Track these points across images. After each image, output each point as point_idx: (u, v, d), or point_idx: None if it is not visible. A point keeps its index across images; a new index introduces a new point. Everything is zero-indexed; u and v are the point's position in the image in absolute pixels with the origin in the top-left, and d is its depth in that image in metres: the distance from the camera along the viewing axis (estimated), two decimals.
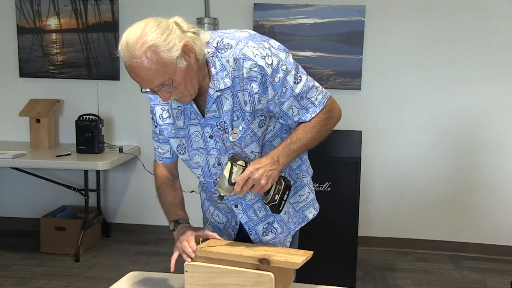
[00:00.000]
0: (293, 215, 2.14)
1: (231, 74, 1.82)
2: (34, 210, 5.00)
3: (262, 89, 1.81)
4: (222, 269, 1.82)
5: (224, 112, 1.87)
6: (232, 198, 2.04)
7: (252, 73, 1.79)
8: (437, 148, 4.60)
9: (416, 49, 4.52)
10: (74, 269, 4.23)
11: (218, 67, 1.82)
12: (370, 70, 4.58)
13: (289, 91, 1.84)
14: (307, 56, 4.56)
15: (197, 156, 1.98)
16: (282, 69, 1.82)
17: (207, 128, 1.91)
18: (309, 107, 1.89)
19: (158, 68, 1.69)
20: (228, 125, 1.88)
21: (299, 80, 1.87)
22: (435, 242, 4.68)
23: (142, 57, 1.67)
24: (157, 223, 4.87)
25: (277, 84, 1.82)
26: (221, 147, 1.93)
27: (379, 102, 4.62)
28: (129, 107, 4.84)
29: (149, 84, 1.74)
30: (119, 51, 1.72)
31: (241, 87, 1.82)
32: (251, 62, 1.78)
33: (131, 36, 1.68)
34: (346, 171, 3.66)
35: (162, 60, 1.68)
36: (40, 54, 4.87)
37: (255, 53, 1.79)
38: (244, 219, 2.07)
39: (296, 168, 2.08)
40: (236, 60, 1.80)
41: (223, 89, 1.83)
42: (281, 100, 1.85)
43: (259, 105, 1.84)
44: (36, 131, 4.66)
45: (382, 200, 4.72)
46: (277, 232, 2.09)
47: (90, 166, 4.36)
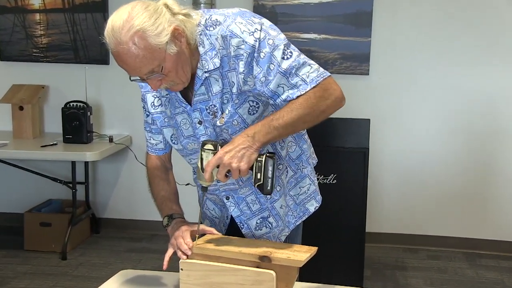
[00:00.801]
0: (294, 208, 2.14)
1: (220, 53, 1.81)
2: (17, 204, 5.01)
3: (247, 68, 1.79)
4: (219, 267, 1.82)
5: (214, 95, 1.86)
6: (223, 189, 2.04)
7: (239, 51, 1.78)
8: (452, 138, 4.60)
9: (429, 31, 4.51)
10: (61, 268, 4.24)
11: (207, 46, 1.81)
12: (379, 54, 4.57)
13: (276, 67, 1.78)
14: (311, 39, 4.55)
15: (190, 143, 1.99)
16: (269, 43, 1.78)
17: (196, 113, 1.90)
18: (299, 85, 1.79)
19: (146, 54, 1.69)
20: (218, 108, 1.87)
21: (289, 56, 1.80)
22: (448, 238, 4.69)
23: (129, 43, 1.67)
24: (150, 218, 4.87)
25: (263, 60, 1.78)
26: (212, 133, 1.92)
27: (388, 88, 4.61)
28: (120, 93, 4.83)
29: (137, 72, 1.74)
30: (104, 37, 1.71)
31: (230, 67, 1.81)
32: (238, 39, 1.77)
33: (116, 20, 1.68)
34: (353, 163, 3.66)
35: (151, 45, 1.68)
36: (23, 36, 4.86)
37: (242, 29, 1.78)
38: (235, 212, 2.07)
39: (296, 158, 2.08)
40: (224, 37, 1.79)
41: (211, 70, 1.83)
42: (268, 78, 1.79)
43: (246, 87, 1.82)
44: (19, 119, 4.66)
45: (391, 194, 4.72)
46: (272, 226, 2.09)
47: (77, 157, 4.36)
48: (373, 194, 4.51)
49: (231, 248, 1.83)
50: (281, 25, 4.46)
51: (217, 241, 1.90)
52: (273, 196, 2.05)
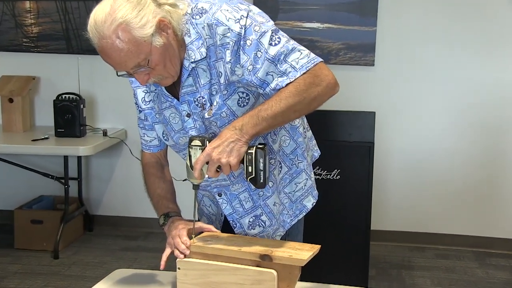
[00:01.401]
0: (289, 206, 2.14)
1: (206, 42, 1.81)
2: (7, 201, 5.02)
3: (234, 57, 1.79)
4: (218, 266, 1.83)
5: (201, 86, 1.87)
6: (215, 185, 2.05)
7: (225, 40, 1.78)
8: (461, 132, 4.60)
9: (438, 19, 4.50)
10: (53, 267, 4.25)
11: (193, 36, 1.82)
12: (385, 44, 4.57)
13: (263, 54, 1.78)
14: (314, 28, 4.55)
15: (182, 138, 1.99)
16: (255, 29, 1.78)
17: (184, 105, 1.91)
18: (288, 72, 1.77)
19: (130, 48, 1.70)
20: (206, 100, 1.87)
21: (277, 42, 1.78)
22: (457, 237, 4.70)
23: (112, 36, 1.68)
24: (146, 215, 4.88)
25: (249, 48, 1.78)
26: (201, 126, 1.93)
27: (395, 80, 4.61)
28: (114, 85, 4.81)
29: (123, 67, 1.75)
30: (87, 31, 1.72)
31: (217, 57, 1.82)
32: (224, 27, 1.77)
33: (99, 14, 1.69)
34: (358, 157, 3.67)
35: (135, 38, 1.69)
36: (12, 25, 4.86)
37: (228, 16, 1.78)
38: (228, 210, 2.08)
39: (291, 153, 2.07)
40: (210, 26, 1.79)
41: (198, 60, 1.83)
42: (256, 67, 1.78)
43: (234, 77, 1.82)
44: (8, 112, 4.66)
45: (397, 190, 4.73)
46: (265, 225, 2.09)
47: (70, 152, 4.37)
48: (378, 190, 4.52)
49: (230, 247, 1.84)
50: (282, 13, 4.47)
51: (216, 239, 1.91)
52: (265, 192, 2.05)
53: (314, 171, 3.56)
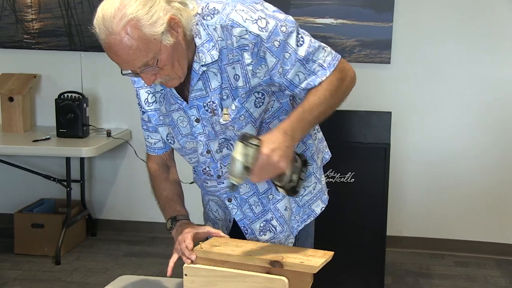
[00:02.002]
0: (296, 211, 2.14)
1: (219, 44, 1.81)
2: (6, 204, 5.04)
3: (256, 59, 1.80)
4: (226, 273, 1.83)
5: (212, 90, 1.87)
6: (224, 191, 2.06)
7: (242, 41, 1.78)
8: (482, 132, 4.58)
9: (456, 15, 4.49)
10: (54, 273, 4.26)
11: (204, 37, 1.82)
12: (402, 40, 4.56)
13: (292, 55, 1.81)
14: (327, 24, 4.55)
15: (189, 142, 2.00)
16: (282, 30, 1.80)
17: (193, 110, 1.91)
18: (317, 71, 1.85)
19: (140, 45, 1.69)
20: (217, 105, 1.87)
21: (302, 42, 1.83)
22: (478, 243, 4.68)
23: (121, 33, 1.67)
24: (151, 219, 4.89)
25: (277, 50, 1.80)
26: (210, 132, 1.94)
27: (412, 78, 4.60)
28: (119, 83, 4.81)
29: (130, 65, 1.75)
30: (94, 26, 1.72)
31: (230, 60, 1.82)
32: (241, 28, 1.77)
33: (107, 8, 1.69)
34: (373, 159, 3.67)
35: (145, 36, 1.69)
36: (12, 20, 4.88)
37: (244, 17, 1.78)
38: (238, 215, 2.09)
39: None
40: (224, 27, 1.79)
41: (209, 63, 1.83)
42: (285, 68, 1.82)
43: (255, 79, 1.83)
44: (8, 111, 4.68)
45: (415, 193, 4.72)
46: (276, 231, 2.09)
47: (72, 153, 4.38)
48: (394, 193, 4.51)
49: (239, 252, 1.84)
50: (294, 9, 4.47)
51: (224, 245, 1.91)
52: (275, 196, 2.06)
53: (327, 173, 3.57)
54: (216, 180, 2.04)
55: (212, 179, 2.05)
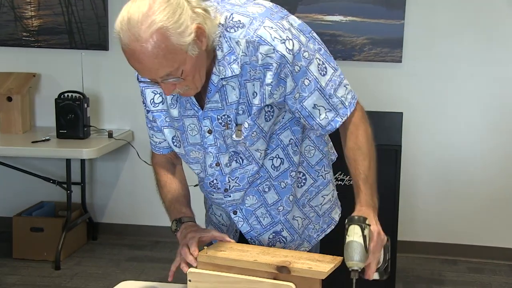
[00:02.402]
0: (316, 220, 2.15)
1: (241, 59, 1.80)
2: (5, 207, 5.05)
3: (276, 80, 1.80)
4: (232, 278, 1.83)
5: (228, 105, 1.86)
6: (230, 203, 2.06)
7: (268, 60, 1.77)
8: (498, 134, 4.57)
9: (470, 12, 4.48)
10: (54, 279, 4.27)
11: (225, 50, 1.80)
12: (414, 38, 4.55)
13: (313, 83, 1.83)
14: (337, 21, 4.55)
15: (194, 152, 1.99)
16: (304, 56, 1.81)
17: (206, 121, 1.91)
18: (339, 108, 1.88)
19: (166, 55, 1.66)
20: (232, 119, 1.87)
21: (325, 72, 1.85)
22: (492, 249, 4.67)
23: (148, 40, 1.63)
24: (154, 223, 4.90)
25: (297, 74, 1.81)
26: (221, 145, 1.93)
27: (424, 77, 4.60)
28: (121, 83, 4.85)
29: (152, 74, 1.71)
30: (116, 29, 1.68)
31: (251, 76, 1.81)
32: (268, 47, 1.76)
33: (134, 12, 1.64)
34: (384, 162, 3.61)
35: (173, 46, 1.65)
36: (11, 17, 4.89)
37: (273, 35, 1.77)
38: (245, 228, 2.09)
39: (316, 164, 2.08)
40: (250, 43, 1.77)
41: (229, 76, 1.82)
42: (302, 95, 1.84)
43: (270, 99, 1.83)
44: (7, 111, 4.69)
45: (427, 197, 4.71)
46: (286, 241, 2.10)
47: (73, 154, 4.39)
48: (406, 197, 4.50)
49: (245, 257, 1.84)
50: (302, 5, 4.47)
51: (229, 249, 1.91)
52: (285, 207, 2.06)
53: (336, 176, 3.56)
54: (222, 193, 2.04)
55: (218, 192, 2.05)
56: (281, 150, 1.98)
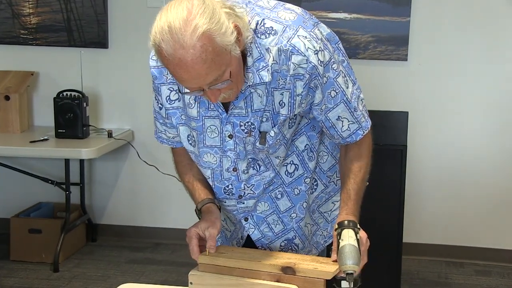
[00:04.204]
0: (324, 226, 2.16)
1: (271, 67, 1.79)
2: (2, 208, 5.05)
3: (306, 90, 1.81)
4: (234, 281, 1.83)
5: (253, 112, 1.86)
6: (243, 210, 2.06)
7: (299, 71, 1.78)
8: (506, 134, 4.56)
9: (478, 9, 4.48)
10: (52, 281, 4.27)
11: (255, 56, 1.79)
12: (420, 36, 4.55)
13: (339, 95, 1.86)
14: (341, 19, 4.55)
15: (209, 155, 1.98)
16: (333, 67, 1.83)
17: (228, 126, 1.90)
18: (362, 121, 1.93)
19: (214, 58, 1.63)
20: (255, 127, 1.87)
21: (347, 84, 1.89)
22: (501, 251, 4.67)
23: (195, 46, 1.60)
24: (155, 225, 4.89)
25: (325, 85, 1.83)
26: (241, 151, 1.93)
27: (430, 76, 4.59)
28: (121, 81, 4.85)
29: (201, 81, 1.67)
30: (154, 41, 1.63)
31: (279, 85, 1.81)
32: (302, 57, 1.77)
33: (174, 19, 1.60)
34: (389, 162, 3.66)
35: (219, 47, 1.63)
36: (9, 14, 4.89)
37: (307, 46, 1.77)
38: (256, 235, 2.09)
39: (328, 170, 2.10)
40: (282, 51, 1.77)
41: (257, 83, 1.81)
42: (328, 106, 1.86)
43: (298, 109, 1.85)
44: (4, 110, 4.69)
45: (433, 198, 4.71)
46: (298, 248, 2.11)
47: (72, 154, 4.39)
48: (411, 198, 4.50)
49: (248, 259, 1.85)
50: (305, 2, 4.47)
51: (231, 252, 1.91)
52: (299, 214, 2.07)
53: None
54: (236, 199, 2.04)
55: (231, 198, 2.05)
56: (296, 156, 1.99)
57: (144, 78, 2.02)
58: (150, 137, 2.16)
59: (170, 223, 4.81)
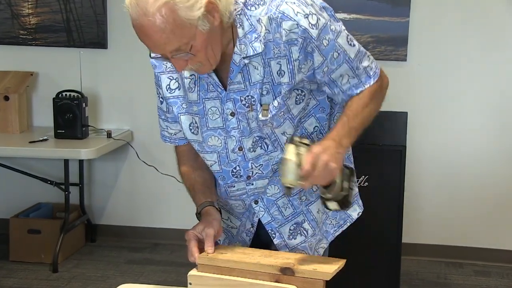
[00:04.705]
0: (333, 215, 2.16)
1: (264, 37, 1.82)
2: (1, 208, 5.05)
3: (303, 55, 1.83)
4: (233, 281, 1.83)
5: (252, 85, 1.88)
6: (252, 193, 2.05)
7: (292, 36, 1.80)
8: (505, 134, 4.56)
9: (477, 10, 4.48)
10: (51, 281, 4.27)
11: (247, 28, 1.83)
12: (419, 36, 4.55)
13: (341, 56, 1.87)
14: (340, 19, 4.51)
15: (213, 137, 1.99)
16: (331, 29, 1.85)
17: (229, 103, 1.92)
18: (362, 77, 1.94)
19: (174, 29, 1.68)
20: (256, 100, 1.89)
21: (353, 44, 1.91)
22: (500, 252, 4.67)
23: (155, 14, 1.66)
24: (154, 225, 4.89)
25: (326, 48, 1.84)
26: (245, 128, 1.94)
27: (429, 76, 4.59)
28: (120, 82, 4.85)
29: (161, 49, 1.74)
30: (125, 5, 1.71)
31: (275, 54, 1.83)
32: (292, 22, 1.79)
33: None
34: (388, 162, 3.66)
35: (181, 20, 1.68)
36: (8, 15, 4.89)
37: (296, 10, 1.80)
38: (266, 218, 2.09)
39: None
40: (272, 20, 1.80)
41: (251, 55, 1.84)
42: (331, 68, 1.88)
43: (300, 75, 1.86)
44: (3, 111, 4.70)
45: (432, 199, 4.71)
46: (308, 234, 2.10)
47: (71, 155, 4.39)
48: (410, 199, 4.49)
49: (247, 259, 1.84)
50: None
51: (231, 251, 1.91)
52: (308, 197, 2.07)
53: None
54: (245, 181, 2.04)
55: (240, 181, 2.05)
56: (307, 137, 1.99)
57: (143, 78, 2.03)
58: (149, 137, 2.17)
59: (169, 224, 4.81)
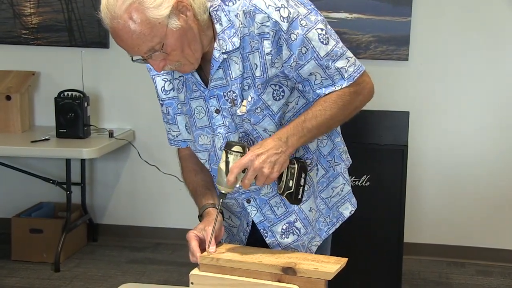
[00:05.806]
0: (326, 213, 2.15)
1: (241, 31, 1.84)
2: (3, 208, 5.05)
3: (275, 48, 1.83)
4: (235, 281, 1.83)
5: (233, 79, 1.89)
6: (243, 191, 2.05)
7: (264, 29, 1.81)
8: (506, 133, 4.56)
9: (481, 9, 4.47)
10: (53, 281, 4.27)
11: (225, 24, 1.85)
12: (421, 36, 4.55)
13: (310, 52, 1.85)
14: (341, 19, 4.55)
15: (203, 136, 2.01)
16: (301, 24, 1.83)
17: (212, 100, 1.93)
18: (335, 79, 1.89)
19: (143, 30, 1.72)
20: (237, 95, 1.90)
21: (326, 42, 1.87)
22: (502, 251, 4.66)
23: (123, 16, 1.70)
24: (155, 225, 4.89)
25: (294, 43, 1.83)
26: (230, 124, 1.95)
27: (431, 76, 4.59)
28: (122, 81, 4.85)
29: (136, 51, 1.77)
30: (100, 11, 1.75)
31: (252, 48, 1.84)
32: (263, 15, 1.80)
33: None
34: (390, 162, 3.66)
35: (148, 19, 1.71)
36: (10, 14, 4.89)
37: (267, 3, 1.81)
38: (258, 217, 2.09)
39: (328, 154, 2.09)
40: (246, 13, 1.82)
41: (230, 50, 1.85)
42: (299, 63, 1.86)
43: (273, 69, 1.86)
44: (5, 110, 4.70)
45: (434, 198, 4.71)
46: (300, 233, 2.10)
47: (73, 154, 4.40)
48: (412, 198, 4.50)
49: (249, 259, 1.84)
50: None
51: (232, 251, 1.91)
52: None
53: None
54: None
55: None
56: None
57: (145, 78, 2.03)
58: (151, 137, 2.18)
59: (171, 223, 4.82)
